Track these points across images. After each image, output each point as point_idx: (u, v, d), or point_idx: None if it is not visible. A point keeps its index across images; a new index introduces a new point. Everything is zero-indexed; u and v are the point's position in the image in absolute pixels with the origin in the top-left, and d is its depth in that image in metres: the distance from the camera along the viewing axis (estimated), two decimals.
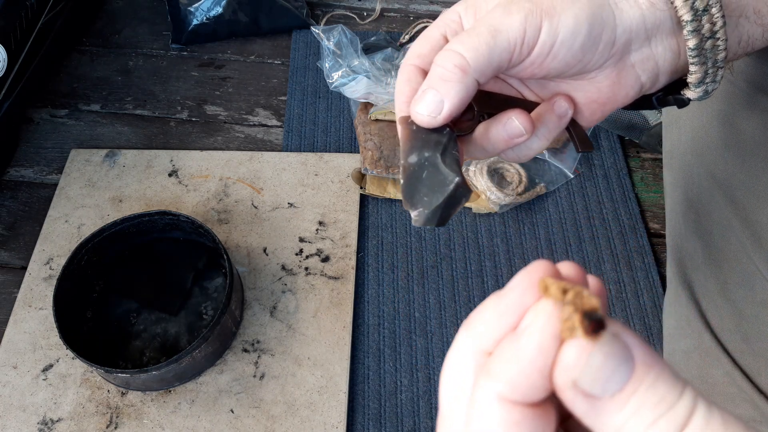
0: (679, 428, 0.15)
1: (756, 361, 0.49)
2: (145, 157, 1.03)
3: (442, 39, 0.33)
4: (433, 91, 0.30)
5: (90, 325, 0.85)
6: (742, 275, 0.49)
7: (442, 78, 0.29)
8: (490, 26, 0.29)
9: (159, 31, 1.23)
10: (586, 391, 0.16)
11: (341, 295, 0.88)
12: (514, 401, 0.17)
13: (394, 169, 0.97)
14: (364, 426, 0.79)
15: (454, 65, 0.29)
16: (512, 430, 0.17)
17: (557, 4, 0.30)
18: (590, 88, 0.33)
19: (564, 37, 0.30)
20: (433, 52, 0.32)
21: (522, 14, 0.29)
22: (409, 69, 0.33)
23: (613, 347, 0.16)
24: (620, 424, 0.16)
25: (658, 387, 0.16)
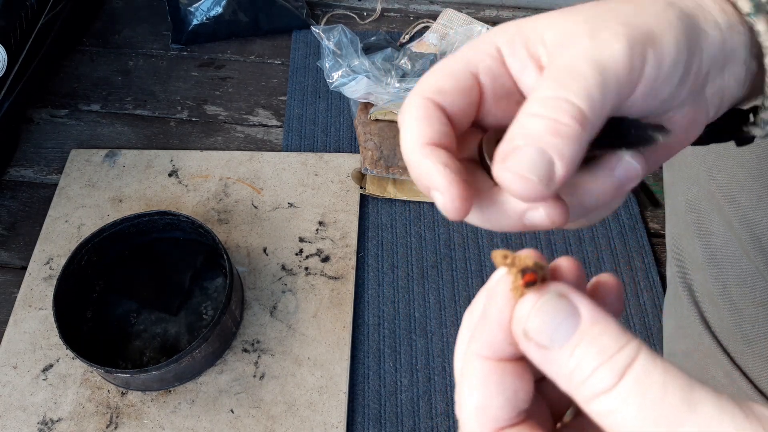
0: (619, 374, 0.17)
1: (756, 361, 0.49)
2: (145, 157, 1.03)
3: (472, 78, 0.25)
4: (539, 149, 0.21)
5: (90, 325, 0.85)
6: (742, 276, 0.49)
7: (556, 132, 0.21)
8: (593, 61, 0.22)
9: (159, 31, 1.23)
10: (537, 341, 0.19)
11: (341, 295, 0.88)
12: (488, 357, 0.20)
13: (394, 169, 0.97)
14: (364, 426, 0.79)
15: (572, 117, 0.21)
16: (487, 380, 0.20)
17: (653, 25, 0.23)
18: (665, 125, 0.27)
19: (668, 70, 0.24)
20: (459, 94, 0.25)
21: (623, 41, 0.23)
22: (425, 104, 0.25)
23: (557, 303, 0.19)
24: (569, 371, 0.18)
25: (601, 339, 0.18)
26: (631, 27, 0.23)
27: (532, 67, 0.25)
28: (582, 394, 0.18)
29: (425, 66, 1.03)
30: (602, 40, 0.23)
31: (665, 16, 0.24)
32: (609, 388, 0.17)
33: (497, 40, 0.25)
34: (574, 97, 0.22)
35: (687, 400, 0.17)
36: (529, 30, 0.25)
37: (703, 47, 0.25)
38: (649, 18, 0.24)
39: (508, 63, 0.25)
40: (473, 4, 1.27)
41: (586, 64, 0.22)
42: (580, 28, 0.23)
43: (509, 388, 0.20)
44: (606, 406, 0.17)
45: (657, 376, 0.17)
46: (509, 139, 0.22)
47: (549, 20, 0.25)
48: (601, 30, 0.23)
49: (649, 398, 0.17)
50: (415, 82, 0.99)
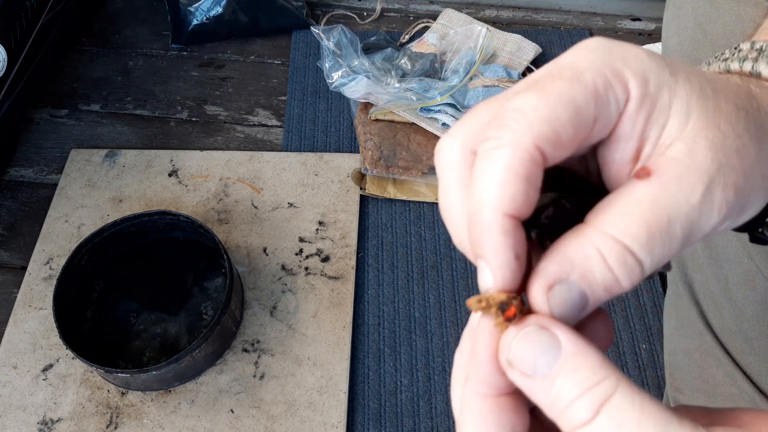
0: (595, 409, 0.18)
1: (757, 361, 0.49)
2: (145, 157, 1.03)
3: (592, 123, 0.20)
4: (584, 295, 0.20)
5: (90, 325, 0.85)
6: (743, 275, 0.49)
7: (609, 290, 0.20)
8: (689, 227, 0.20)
9: (159, 31, 1.23)
10: (520, 369, 0.19)
11: (341, 295, 0.88)
12: (485, 394, 0.20)
13: (394, 169, 0.97)
14: (364, 426, 0.79)
15: (632, 282, 0.20)
16: (486, 418, 0.20)
17: (755, 193, 0.21)
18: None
19: (725, 231, 0.22)
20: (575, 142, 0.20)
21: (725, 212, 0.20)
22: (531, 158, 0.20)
23: (538, 334, 0.19)
24: (551, 399, 0.19)
25: (580, 371, 0.18)
26: (740, 195, 0.20)
27: (633, 144, 0.21)
28: (562, 423, 0.19)
29: (425, 66, 1.03)
30: (711, 203, 0.20)
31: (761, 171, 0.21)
32: (586, 423, 0.18)
33: (632, 87, 0.20)
34: (649, 262, 0.20)
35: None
36: (663, 102, 0.20)
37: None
38: (756, 182, 0.21)
39: (623, 121, 0.20)
40: (473, 4, 1.27)
41: (681, 230, 0.20)
42: (705, 166, 0.20)
43: (507, 423, 0.20)
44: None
45: (632, 413, 0.18)
46: (565, 264, 0.20)
47: (686, 103, 0.20)
48: (719, 188, 0.20)
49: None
50: (415, 82, 0.99)
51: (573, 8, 1.26)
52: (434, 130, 0.98)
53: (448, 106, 0.98)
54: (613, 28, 1.24)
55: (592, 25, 1.24)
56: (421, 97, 0.98)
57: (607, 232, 0.19)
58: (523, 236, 0.20)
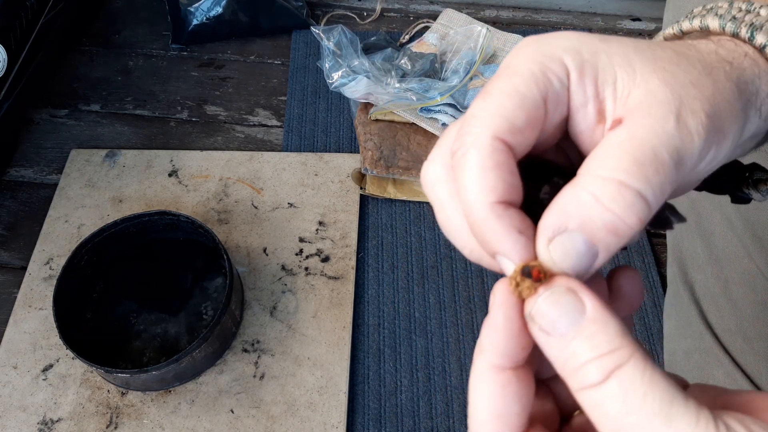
0: (606, 374, 0.18)
1: (757, 361, 0.49)
2: (145, 157, 1.03)
3: (543, 107, 0.22)
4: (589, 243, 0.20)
5: (90, 325, 0.85)
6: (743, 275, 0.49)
7: (616, 231, 0.20)
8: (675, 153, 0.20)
9: (159, 31, 1.23)
10: (540, 325, 0.20)
11: (341, 295, 0.88)
12: (503, 366, 0.21)
13: (394, 169, 0.97)
14: (364, 426, 0.79)
15: (639, 219, 0.20)
16: (505, 389, 0.20)
17: (725, 121, 0.22)
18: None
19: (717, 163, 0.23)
20: (531, 129, 0.22)
21: (704, 137, 0.21)
22: (496, 148, 0.21)
23: (565, 296, 0.20)
24: (565, 357, 0.19)
25: (596, 338, 0.19)
26: (712, 120, 0.21)
27: (592, 107, 0.22)
28: (573, 382, 0.19)
29: (425, 66, 1.03)
30: (687, 129, 0.21)
31: (735, 107, 0.22)
32: (595, 384, 0.19)
33: (567, 61, 0.22)
34: (650, 194, 0.20)
35: (664, 413, 0.18)
36: (603, 62, 0.22)
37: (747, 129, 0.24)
38: (724, 107, 0.22)
39: (571, 92, 0.22)
40: (473, 4, 1.27)
41: (668, 154, 0.20)
42: (665, 96, 0.21)
43: (524, 395, 0.21)
44: (591, 399, 0.19)
45: (640, 384, 0.18)
46: (562, 215, 0.20)
47: (626, 59, 0.22)
48: (687, 113, 0.21)
49: (629, 404, 0.18)
50: (415, 82, 0.99)
51: (573, 8, 1.26)
52: (434, 130, 0.98)
53: (448, 106, 0.98)
54: (613, 28, 1.24)
55: (592, 25, 1.24)
56: (421, 97, 0.98)
57: (597, 174, 0.20)
58: (520, 214, 0.21)
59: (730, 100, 0.22)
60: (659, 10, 0.91)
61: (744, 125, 0.23)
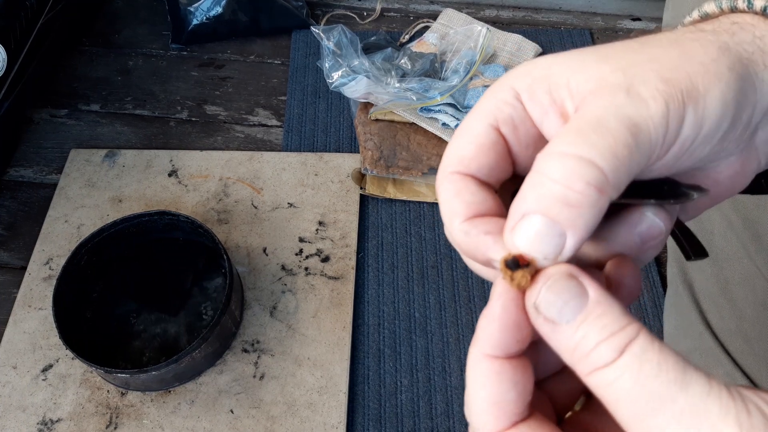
0: (619, 350, 0.19)
1: (757, 361, 0.49)
2: (144, 157, 1.03)
3: (494, 133, 0.23)
4: (547, 219, 0.20)
5: (90, 325, 0.85)
6: (743, 275, 0.49)
7: (567, 201, 0.20)
8: (626, 119, 0.20)
9: (159, 31, 1.23)
10: (546, 315, 0.20)
11: (341, 295, 0.88)
12: (497, 355, 0.21)
13: (394, 169, 0.97)
14: (364, 426, 0.79)
15: (587, 183, 0.19)
16: (500, 376, 0.21)
17: (698, 79, 0.21)
18: (706, 181, 0.25)
19: (709, 130, 0.22)
20: (483, 155, 0.23)
21: (662, 101, 0.21)
22: (452, 179, 0.23)
23: (567, 282, 0.20)
24: (573, 344, 0.20)
25: (604, 319, 0.19)
26: (672, 84, 0.21)
27: (554, 113, 0.23)
28: (584, 366, 0.19)
29: (425, 66, 1.03)
30: (639, 97, 0.21)
31: (715, 66, 0.22)
32: (609, 363, 0.19)
33: (516, 84, 0.23)
34: (597, 157, 0.20)
35: (679, 379, 0.18)
36: (555, 73, 0.22)
37: (757, 97, 0.23)
38: (696, 68, 0.22)
39: (528, 109, 0.23)
40: (473, 4, 1.27)
41: (616, 120, 0.20)
42: (615, 78, 0.21)
43: (520, 382, 0.21)
44: (605, 379, 0.19)
45: (653, 354, 0.19)
46: (520, 201, 0.20)
47: (579, 63, 0.22)
48: (639, 84, 0.21)
49: (645, 374, 0.18)
50: (415, 81, 0.99)
51: (573, 8, 1.26)
52: (434, 130, 0.98)
53: (448, 106, 0.98)
54: (613, 28, 1.24)
55: (592, 25, 1.24)
56: (421, 97, 0.98)
57: (544, 154, 0.21)
58: (486, 220, 0.23)
59: (705, 62, 0.22)
60: (659, 10, 0.91)
61: (744, 83, 0.22)
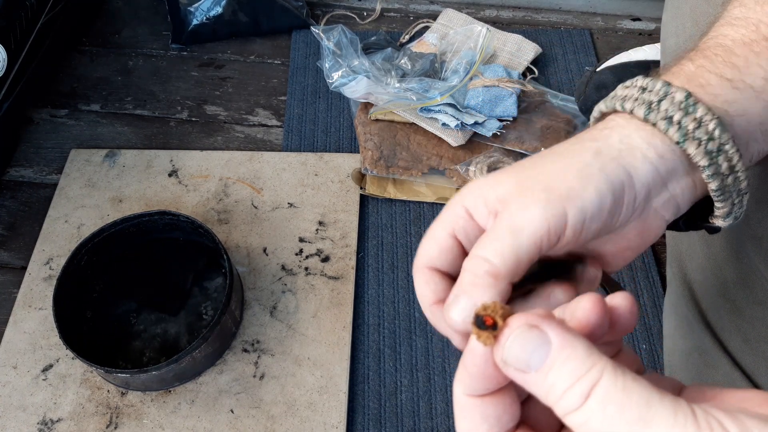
0: (585, 395, 0.20)
1: (756, 361, 0.49)
2: (145, 157, 1.03)
3: (451, 239, 0.31)
4: (465, 296, 0.28)
5: (90, 325, 0.85)
6: (742, 275, 0.49)
7: (473, 284, 0.28)
8: (509, 226, 0.28)
9: (159, 31, 1.23)
10: (515, 367, 0.22)
11: (341, 295, 0.88)
12: (471, 395, 0.25)
13: (394, 169, 0.97)
14: (364, 426, 0.79)
15: (484, 272, 0.28)
16: (472, 412, 0.25)
17: (574, 185, 0.28)
18: (619, 240, 0.33)
19: (592, 213, 0.29)
20: (444, 255, 0.31)
21: (539, 206, 0.28)
22: (423, 272, 0.32)
23: (528, 333, 0.22)
24: (545, 390, 0.21)
25: (570, 363, 0.21)
26: (550, 190, 0.28)
27: (491, 217, 0.30)
28: (557, 409, 0.21)
29: (425, 66, 1.03)
30: (524, 206, 0.28)
31: (588, 170, 0.29)
32: (577, 407, 0.21)
33: (466, 202, 0.31)
34: (489, 255, 0.28)
35: (642, 416, 0.20)
36: (487, 189, 0.30)
37: (633, 181, 0.29)
38: (572, 174, 0.29)
39: (476, 218, 0.31)
40: (473, 4, 1.27)
41: (503, 230, 0.28)
42: (512, 191, 0.29)
43: (491, 416, 0.25)
44: (577, 420, 0.21)
45: (615, 396, 0.20)
46: (455, 286, 0.29)
47: (497, 182, 0.30)
48: (525, 194, 0.29)
49: (608, 416, 0.20)
50: (415, 82, 0.99)
51: (573, 8, 1.26)
52: (434, 130, 0.98)
53: (448, 106, 0.98)
54: (613, 28, 1.24)
55: (592, 25, 1.24)
56: (421, 97, 0.98)
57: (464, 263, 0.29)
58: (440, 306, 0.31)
59: (581, 167, 0.29)
60: (659, 10, 0.91)
61: (617, 175, 0.29)
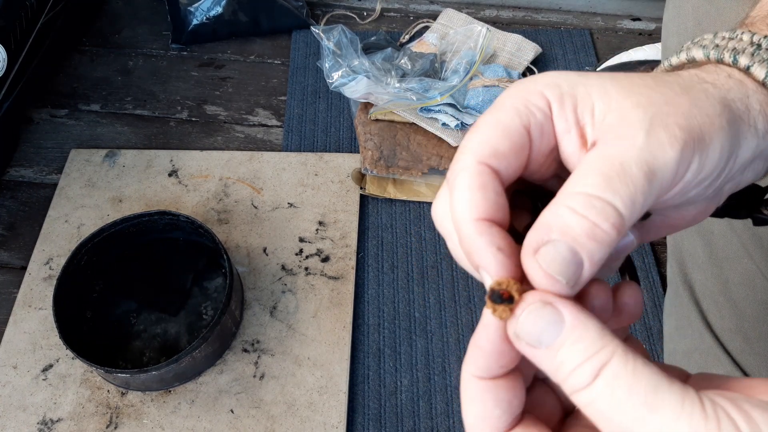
0: (594, 374, 0.20)
1: (756, 361, 0.49)
2: (145, 157, 1.03)
3: (526, 136, 0.24)
4: (572, 249, 0.21)
5: (90, 325, 0.85)
6: (743, 275, 0.49)
7: (593, 236, 0.21)
8: (646, 165, 0.22)
9: (159, 31, 1.23)
10: (527, 342, 0.21)
11: (341, 295, 0.88)
12: (483, 377, 0.23)
13: (394, 169, 0.97)
14: (364, 426, 0.79)
15: (611, 224, 0.21)
16: (484, 396, 0.23)
17: (706, 130, 0.23)
18: (675, 215, 0.27)
19: (704, 177, 0.24)
20: (515, 155, 0.24)
21: (678, 147, 0.22)
22: (481, 171, 0.23)
23: (542, 310, 0.21)
24: (554, 367, 0.21)
25: (581, 342, 0.20)
26: (687, 131, 0.22)
27: (575, 133, 0.24)
28: (566, 387, 0.21)
29: (425, 66, 1.03)
30: (658, 141, 0.22)
31: (718, 120, 0.23)
32: (585, 386, 0.20)
33: (548, 94, 0.24)
34: (620, 204, 0.21)
35: (650, 402, 0.19)
36: (582, 93, 0.24)
37: (738, 154, 0.24)
38: (704, 119, 0.23)
39: (554, 121, 0.24)
40: (473, 4, 1.27)
41: (638, 168, 0.22)
42: (636, 116, 0.22)
43: (503, 400, 0.23)
44: (584, 400, 0.20)
45: (625, 378, 0.20)
46: (544, 228, 0.22)
47: (603, 89, 0.24)
48: (659, 127, 0.22)
49: (617, 397, 0.20)
50: (415, 82, 0.99)
51: (573, 8, 1.26)
52: (434, 130, 0.98)
53: (448, 106, 0.98)
54: (613, 28, 1.24)
55: (592, 25, 1.24)
56: (421, 97, 0.98)
57: (571, 191, 0.22)
58: (502, 233, 0.23)
59: (711, 114, 0.23)
60: (659, 10, 0.91)
61: (735, 139, 0.24)
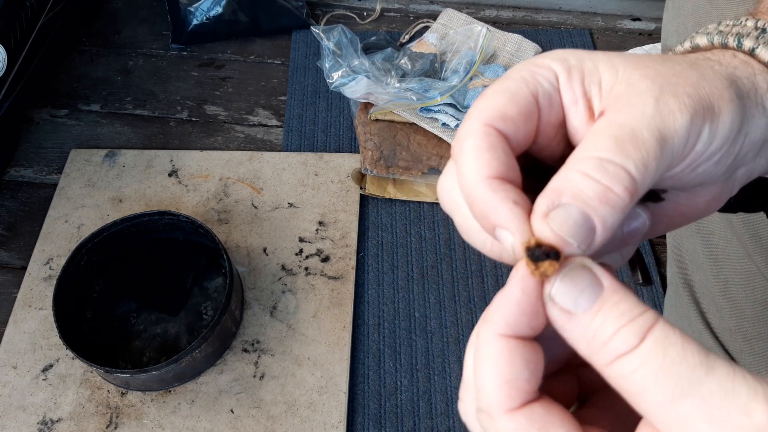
0: (641, 335, 0.19)
1: (756, 361, 0.49)
2: (145, 157, 1.03)
3: (534, 103, 0.23)
4: (584, 213, 0.21)
5: (90, 325, 0.85)
6: (742, 275, 0.49)
7: (606, 200, 0.21)
8: (657, 131, 0.21)
9: (159, 31, 1.23)
10: (561, 305, 0.20)
11: (341, 295, 0.88)
12: (509, 335, 0.21)
13: (394, 169, 0.97)
14: (364, 426, 0.79)
15: (624, 188, 0.21)
16: (513, 354, 0.20)
17: (714, 101, 0.23)
18: (686, 202, 0.27)
19: (715, 148, 0.23)
20: (523, 120, 0.23)
21: (688, 115, 0.22)
22: (488, 132, 0.23)
23: (581, 272, 0.20)
24: (591, 333, 0.19)
25: (621, 306, 0.19)
26: (696, 99, 0.22)
27: (582, 104, 0.24)
28: (602, 357, 0.19)
29: (425, 66, 1.03)
30: (668, 108, 0.22)
31: (727, 92, 0.23)
32: (630, 349, 0.19)
33: (555, 66, 0.24)
34: (632, 167, 0.21)
35: (704, 362, 0.18)
36: (589, 66, 0.24)
37: (748, 131, 0.24)
38: (712, 90, 0.23)
39: (562, 92, 0.24)
40: (473, 4, 1.27)
41: (649, 133, 0.21)
42: (645, 85, 0.22)
43: (533, 362, 0.21)
44: (626, 367, 0.19)
45: (676, 339, 0.18)
46: (555, 192, 0.21)
47: (610, 63, 0.24)
48: (668, 95, 0.22)
49: (670, 358, 0.18)
50: (415, 82, 0.99)
51: (573, 8, 1.26)
52: (434, 130, 0.98)
53: (448, 106, 0.98)
54: (613, 28, 1.24)
55: (592, 25, 1.24)
56: (421, 97, 0.98)
57: (582, 156, 0.21)
58: (516, 189, 0.22)
59: (719, 87, 0.23)
60: (659, 10, 0.91)
61: (744, 113, 0.23)
